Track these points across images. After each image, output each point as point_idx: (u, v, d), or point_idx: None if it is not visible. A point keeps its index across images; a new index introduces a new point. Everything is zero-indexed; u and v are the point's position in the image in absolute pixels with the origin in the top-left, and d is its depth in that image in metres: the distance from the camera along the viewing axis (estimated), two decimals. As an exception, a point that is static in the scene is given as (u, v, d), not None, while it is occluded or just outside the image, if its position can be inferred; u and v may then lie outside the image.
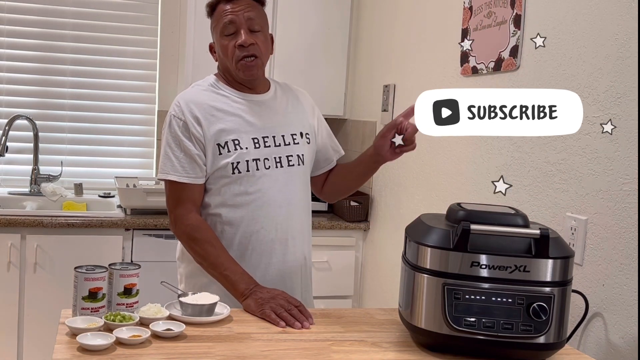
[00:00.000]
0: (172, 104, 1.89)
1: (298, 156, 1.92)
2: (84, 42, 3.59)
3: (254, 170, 1.85)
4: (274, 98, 1.96)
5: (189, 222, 1.83)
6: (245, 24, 1.83)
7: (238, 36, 1.82)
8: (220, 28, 1.84)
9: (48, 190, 3.36)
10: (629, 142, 1.62)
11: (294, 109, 1.98)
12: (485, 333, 1.40)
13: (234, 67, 1.85)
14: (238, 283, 1.75)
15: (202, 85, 1.93)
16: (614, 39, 1.68)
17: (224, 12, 1.83)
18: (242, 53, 1.82)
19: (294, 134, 1.93)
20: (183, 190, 1.85)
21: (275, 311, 1.63)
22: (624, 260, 1.63)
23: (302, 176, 1.95)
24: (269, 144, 1.88)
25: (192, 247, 1.84)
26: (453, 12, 2.54)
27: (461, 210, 1.50)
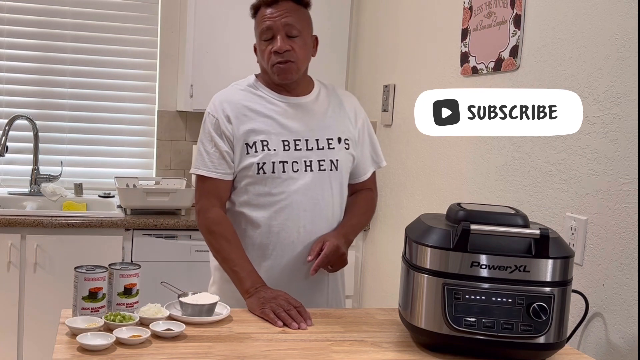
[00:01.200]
0: (211, 101, 1.95)
1: (332, 161, 1.90)
2: (84, 42, 3.59)
3: (280, 172, 1.85)
4: (315, 101, 1.95)
5: (210, 215, 1.88)
6: (282, 30, 1.83)
7: (274, 42, 1.84)
8: (259, 32, 1.87)
9: (48, 190, 3.36)
10: (629, 142, 1.62)
11: (335, 113, 1.96)
12: (485, 333, 1.40)
13: (270, 71, 1.88)
14: (245, 280, 1.77)
15: (240, 85, 1.96)
16: (614, 39, 1.68)
17: (263, 17, 1.86)
18: (276, 59, 1.84)
19: (330, 139, 1.91)
20: (210, 185, 1.89)
21: (275, 311, 1.63)
22: (624, 260, 1.63)
23: (335, 181, 1.92)
24: (300, 147, 1.87)
25: (209, 240, 1.89)
26: (453, 12, 2.54)
27: (461, 210, 1.50)
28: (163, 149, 3.74)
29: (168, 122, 3.73)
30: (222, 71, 3.40)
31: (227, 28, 3.38)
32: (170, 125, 3.73)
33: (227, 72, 3.41)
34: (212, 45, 3.38)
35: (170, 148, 3.75)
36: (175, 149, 3.75)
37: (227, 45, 3.40)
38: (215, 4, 3.36)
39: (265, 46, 1.86)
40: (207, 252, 3.13)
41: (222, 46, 3.39)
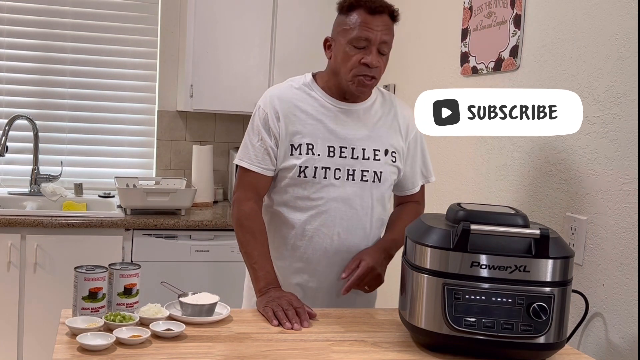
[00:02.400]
0: (263, 95, 1.93)
1: (375, 173, 1.87)
2: (84, 42, 3.59)
3: (321, 177, 1.83)
4: (368, 109, 1.90)
5: (243, 208, 1.85)
6: (378, 45, 1.77)
7: (367, 54, 1.77)
8: (353, 37, 1.77)
9: (48, 190, 3.36)
10: (629, 142, 1.62)
11: (386, 124, 1.91)
12: (485, 333, 1.40)
13: (348, 78, 1.80)
14: (260, 280, 1.77)
15: (295, 82, 1.92)
16: (614, 39, 1.68)
17: (363, 24, 1.76)
18: (364, 71, 1.78)
19: (376, 150, 1.87)
20: (250, 178, 1.87)
21: (274, 310, 1.64)
22: (624, 260, 1.63)
23: (376, 193, 1.89)
24: (345, 154, 1.84)
25: (237, 231, 1.86)
26: (453, 12, 2.54)
27: (461, 210, 1.50)
28: (163, 149, 3.74)
29: (168, 122, 3.73)
30: (222, 71, 3.41)
31: (227, 28, 3.38)
32: (170, 125, 3.73)
33: (227, 72, 3.41)
34: (212, 45, 3.38)
35: (170, 148, 3.75)
36: (175, 149, 3.75)
37: (227, 45, 3.40)
38: (215, 4, 3.36)
39: (355, 53, 1.77)
40: (206, 252, 3.17)
41: (222, 46, 3.39)
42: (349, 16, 1.79)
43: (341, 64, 1.81)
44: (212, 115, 3.77)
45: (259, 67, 3.45)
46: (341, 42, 1.80)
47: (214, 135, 3.81)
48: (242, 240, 1.85)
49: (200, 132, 3.78)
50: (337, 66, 1.83)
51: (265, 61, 3.46)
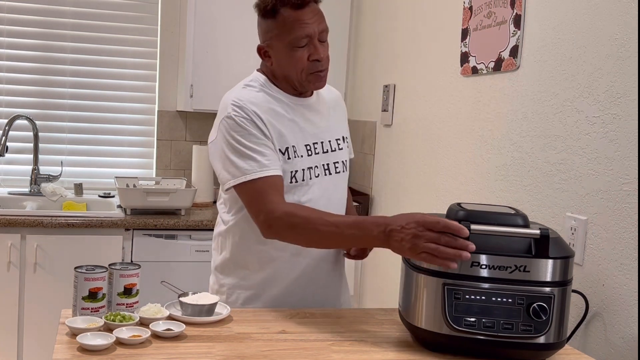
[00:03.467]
0: (225, 106, 1.73)
1: (343, 162, 1.86)
2: (84, 42, 3.59)
3: (308, 179, 1.76)
4: (317, 101, 1.86)
5: (286, 209, 1.62)
6: (318, 36, 1.71)
7: (312, 50, 1.71)
8: (292, 38, 1.70)
9: (48, 190, 3.36)
10: (629, 142, 1.62)
11: (335, 111, 1.90)
12: (485, 333, 1.40)
13: (303, 78, 1.74)
14: (372, 227, 1.51)
15: (253, 86, 1.79)
16: (614, 39, 1.68)
17: (297, 22, 1.69)
18: (316, 67, 1.73)
19: (338, 139, 1.86)
20: (269, 183, 1.65)
21: (431, 250, 1.38)
22: (624, 260, 1.63)
23: (344, 183, 1.88)
24: (318, 150, 1.80)
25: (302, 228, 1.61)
26: (453, 12, 2.54)
27: (461, 210, 1.50)
28: (163, 149, 3.74)
29: (168, 122, 3.73)
30: (222, 71, 3.41)
31: (227, 28, 3.38)
32: (170, 125, 3.73)
33: (227, 72, 3.41)
34: (212, 45, 3.38)
35: (170, 148, 3.75)
36: (175, 149, 3.75)
37: (227, 45, 3.40)
38: (215, 4, 3.36)
39: (301, 53, 1.70)
40: (206, 252, 3.17)
41: (222, 46, 3.39)
42: (276, 19, 1.72)
43: (289, 67, 1.74)
44: (212, 115, 3.72)
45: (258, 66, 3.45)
46: (280, 48, 1.73)
47: (214, 135, 3.80)
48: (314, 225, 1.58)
49: (200, 132, 3.78)
50: (284, 70, 1.76)
51: (265, 61, 3.45)
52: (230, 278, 1.85)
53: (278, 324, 1.62)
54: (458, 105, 2.50)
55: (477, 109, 2.36)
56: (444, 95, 2.61)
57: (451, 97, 2.55)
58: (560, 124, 1.88)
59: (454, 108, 2.52)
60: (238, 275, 1.84)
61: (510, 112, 2.14)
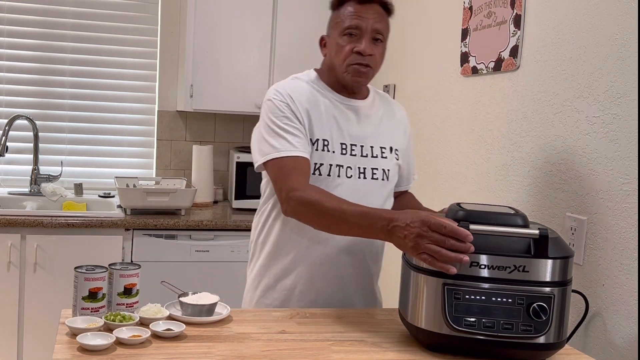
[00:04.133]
0: (269, 91, 1.81)
1: (384, 170, 1.84)
2: (84, 42, 3.59)
3: (335, 176, 1.77)
4: (371, 106, 1.88)
5: (309, 191, 1.64)
6: (370, 33, 1.75)
7: (359, 42, 1.74)
8: (343, 27, 1.75)
9: (48, 190, 3.36)
10: (629, 142, 1.62)
11: (388, 121, 1.90)
12: (485, 333, 1.40)
13: (343, 69, 1.77)
14: (377, 219, 1.52)
15: (302, 78, 1.85)
16: (614, 39, 1.68)
17: (352, 14, 1.75)
18: (356, 60, 1.75)
19: (383, 147, 1.85)
20: (297, 164, 1.70)
21: (429, 253, 1.38)
22: (624, 260, 1.63)
23: (385, 191, 1.86)
24: (355, 152, 1.81)
25: (316, 211, 1.62)
26: (453, 12, 2.54)
27: (461, 210, 1.49)
28: (163, 149, 3.74)
29: (168, 122, 3.73)
30: (222, 71, 3.41)
31: (227, 28, 3.39)
32: (170, 125, 3.73)
33: (227, 72, 3.42)
34: (212, 45, 3.38)
35: (170, 148, 3.75)
36: (175, 149, 3.75)
37: (227, 45, 3.40)
38: (215, 4, 3.36)
39: (347, 43, 1.75)
40: (206, 252, 3.17)
41: (222, 46, 3.39)
42: (339, 10, 1.79)
43: (335, 56, 1.79)
44: (212, 115, 3.77)
45: (259, 67, 3.45)
46: (334, 35, 1.79)
47: (214, 135, 3.81)
48: (325, 208, 1.60)
49: (200, 132, 3.78)
50: (331, 60, 1.81)
51: (265, 61, 3.46)
52: (258, 264, 1.90)
53: (278, 324, 1.62)
54: (458, 105, 2.50)
55: (477, 109, 2.36)
56: (444, 95, 2.61)
57: (451, 97, 2.55)
58: (560, 124, 1.88)
59: (454, 108, 2.52)
60: (264, 262, 1.87)
61: (510, 112, 2.14)
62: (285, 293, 1.84)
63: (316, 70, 1.89)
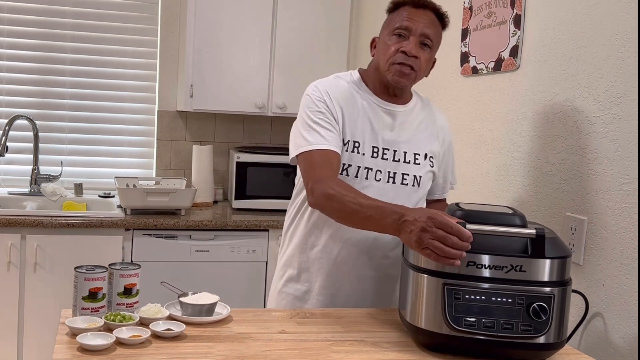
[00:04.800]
0: (309, 87, 1.84)
1: (415, 177, 1.83)
2: (84, 42, 3.59)
3: (363, 178, 1.78)
4: (410, 112, 1.87)
5: (331, 184, 1.66)
6: (419, 36, 1.76)
7: (406, 42, 1.75)
8: (394, 27, 1.77)
9: (48, 190, 3.36)
10: (629, 142, 1.62)
11: (426, 128, 1.88)
12: (485, 333, 1.40)
13: (386, 67, 1.78)
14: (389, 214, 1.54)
15: (344, 78, 1.87)
16: (614, 39, 1.68)
17: (405, 16, 1.77)
18: (401, 59, 1.75)
19: (417, 154, 1.84)
20: (327, 157, 1.72)
21: (431, 248, 1.40)
22: (624, 260, 1.63)
23: (415, 197, 1.85)
24: (387, 156, 1.81)
25: (337, 202, 1.64)
26: (453, 12, 2.54)
27: (459, 210, 1.50)
28: (163, 149, 3.74)
29: (168, 122, 3.73)
30: (222, 71, 3.41)
31: (227, 28, 3.39)
32: (170, 125, 3.73)
33: (227, 72, 3.42)
34: (212, 45, 3.38)
35: (170, 148, 3.75)
36: (175, 149, 3.75)
37: (227, 45, 3.40)
38: (215, 4, 3.36)
39: (394, 42, 1.76)
40: (206, 252, 3.17)
41: (222, 46, 3.39)
42: (393, 13, 1.82)
43: (381, 55, 1.80)
44: (212, 115, 3.77)
45: (259, 67, 3.45)
46: (384, 35, 1.82)
47: (214, 135, 3.81)
48: (344, 200, 1.61)
49: (200, 132, 3.78)
50: (378, 59, 1.82)
51: (265, 61, 3.46)
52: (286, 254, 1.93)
53: (278, 324, 1.62)
54: (458, 105, 2.50)
55: (477, 109, 2.36)
56: (444, 95, 2.61)
57: (451, 97, 2.55)
58: (560, 124, 1.88)
59: (454, 108, 2.52)
60: (291, 252, 1.91)
61: (510, 112, 2.14)
62: (307, 285, 1.87)
63: (361, 71, 1.90)
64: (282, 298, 1.91)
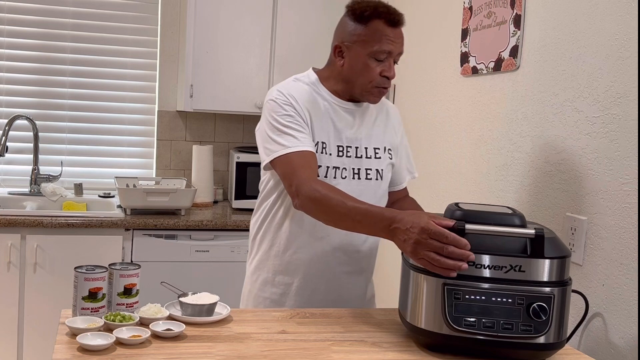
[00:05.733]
0: (270, 92, 1.84)
1: (377, 171, 1.89)
2: (84, 42, 3.59)
3: (331, 177, 1.81)
4: (366, 109, 1.91)
5: (315, 186, 1.66)
6: (396, 57, 1.80)
7: (387, 66, 1.78)
8: (375, 50, 1.76)
9: (48, 190, 3.36)
10: (629, 142, 1.62)
11: (382, 122, 1.94)
12: (485, 333, 1.40)
13: (367, 89, 1.80)
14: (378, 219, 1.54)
15: (302, 80, 1.88)
16: (614, 39, 1.68)
17: (385, 37, 1.76)
18: (383, 84, 1.79)
19: (377, 148, 1.90)
20: (306, 159, 1.73)
21: (427, 259, 1.40)
22: (624, 260, 1.63)
23: (379, 191, 1.90)
24: (350, 154, 1.85)
25: (323, 205, 1.65)
26: (453, 12, 2.54)
27: (458, 210, 1.50)
28: (163, 149, 3.74)
29: (168, 122, 3.73)
30: (222, 71, 3.41)
31: (227, 28, 3.39)
32: (170, 125, 3.73)
33: (227, 72, 3.42)
34: (212, 45, 3.38)
35: (170, 148, 3.75)
36: (175, 149, 3.75)
37: (227, 45, 3.40)
38: (215, 4, 3.36)
39: (375, 65, 1.77)
40: (206, 252, 3.17)
41: (222, 46, 3.39)
42: (367, 26, 1.77)
43: (359, 75, 1.79)
44: (212, 115, 3.77)
45: (259, 67, 3.45)
46: (360, 53, 1.78)
47: (214, 135, 3.81)
48: (331, 204, 1.62)
49: (200, 132, 3.78)
50: (352, 75, 1.81)
51: (265, 61, 3.46)
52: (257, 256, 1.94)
53: (278, 324, 1.62)
54: (458, 105, 2.50)
55: (477, 109, 2.36)
56: (444, 95, 2.61)
57: (451, 97, 2.55)
58: (560, 124, 1.88)
59: (454, 108, 2.52)
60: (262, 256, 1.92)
61: (510, 112, 2.14)
62: (283, 287, 1.89)
63: (317, 71, 1.90)
64: (258, 302, 1.92)
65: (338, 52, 1.83)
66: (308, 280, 1.87)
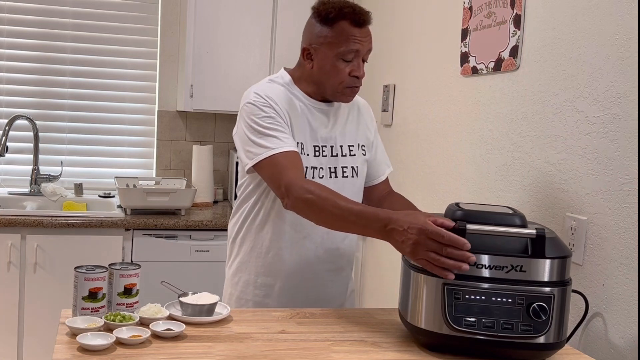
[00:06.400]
0: (247, 95, 1.82)
1: (353, 168, 1.91)
2: (84, 42, 3.60)
3: (310, 177, 1.82)
4: (339, 107, 1.92)
5: (305, 185, 1.65)
6: (364, 55, 1.80)
7: (355, 66, 1.79)
8: (342, 51, 1.76)
9: (48, 190, 3.36)
10: (629, 142, 1.62)
11: (355, 119, 1.96)
12: (485, 333, 1.40)
13: (338, 89, 1.81)
14: (373, 220, 1.53)
15: (277, 81, 1.87)
16: (614, 39, 1.68)
17: (352, 37, 1.76)
18: (354, 83, 1.81)
19: (351, 145, 1.91)
20: (291, 159, 1.72)
21: (427, 259, 1.40)
22: (624, 260, 1.63)
23: (355, 188, 1.92)
24: (326, 153, 1.87)
25: (315, 205, 1.63)
26: (453, 12, 2.54)
27: (459, 210, 1.50)
28: (163, 149, 3.74)
29: (168, 122, 3.73)
30: (222, 71, 3.41)
31: (227, 28, 3.39)
32: (170, 125, 3.73)
33: (227, 72, 3.42)
34: (212, 45, 3.38)
35: (170, 148, 3.75)
36: (175, 149, 3.75)
37: (227, 45, 3.40)
38: (215, 4, 3.36)
39: (344, 66, 1.78)
40: (206, 252, 3.17)
41: (222, 46, 3.39)
42: (333, 28, 1.77)
43: (329, 76, 1.80)
44: (212, 115, 3.77)
45: (259, 67, 3.45)
46: (328, 55, 1.79)
47: (214, 135, 3.81)
48: (324, 205, 1.60)
49: (200, 132, 3.78)
50: (321, 77, 1.82)
51: (265, 61, 3.46)
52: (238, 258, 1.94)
53: (278, 324, 1.62)
54: (458, 105, 2.50)
55: (477, 109, 2.36)
56: (444, 95, 2.61)
57: (451, 97, 2.55)
58: (560, 124, 1.88)
59: (454, 108, 2.52)
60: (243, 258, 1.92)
61: (510, 112, 2.14)
62: (265, 289, 1.90)
63: (289, 71, 1.91)
64: (241, 304, 1.92)
65: (307, 54, 1.83)
66: (290, 281, 1.88)
